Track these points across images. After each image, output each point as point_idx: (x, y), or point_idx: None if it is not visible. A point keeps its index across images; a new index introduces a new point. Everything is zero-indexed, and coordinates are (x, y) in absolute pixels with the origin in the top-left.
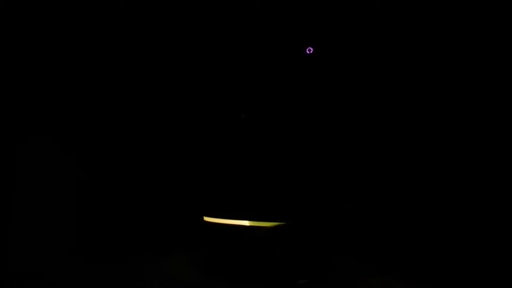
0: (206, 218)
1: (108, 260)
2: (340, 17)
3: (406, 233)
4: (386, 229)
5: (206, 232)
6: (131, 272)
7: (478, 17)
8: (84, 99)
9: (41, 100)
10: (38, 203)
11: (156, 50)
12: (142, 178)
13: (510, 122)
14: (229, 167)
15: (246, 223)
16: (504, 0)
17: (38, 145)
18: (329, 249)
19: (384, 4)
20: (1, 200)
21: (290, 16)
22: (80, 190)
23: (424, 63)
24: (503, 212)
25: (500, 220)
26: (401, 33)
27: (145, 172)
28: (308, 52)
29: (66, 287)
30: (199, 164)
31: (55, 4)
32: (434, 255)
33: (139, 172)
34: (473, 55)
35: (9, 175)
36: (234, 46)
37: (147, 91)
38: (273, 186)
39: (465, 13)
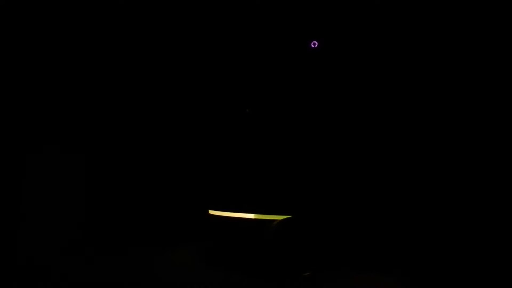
0: (211, 211)
1: (116, 252)
2: (348, 8)
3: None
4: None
5: (211, 225)
6: (138, 264)
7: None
8: (91, 95)
9: (51, 104)
10: (47, 194)
11: (158, 47)
12: (148, 173)
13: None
14: (234, 161)
15: (251, 216)
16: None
17: (46, 143)
18: (334, 242)
19: None
20: (10, 195)
21: (294, 8)
22: (88, 184)
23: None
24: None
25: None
26: (416, 25)
27: (151, 167)
28: (313, 46)
29: (75, 278)
30: (204, 158)
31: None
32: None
33: (145, 167)
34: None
35: (17, 172)
36: (236, 39)
37: (152, 87)
38: (278, 180)
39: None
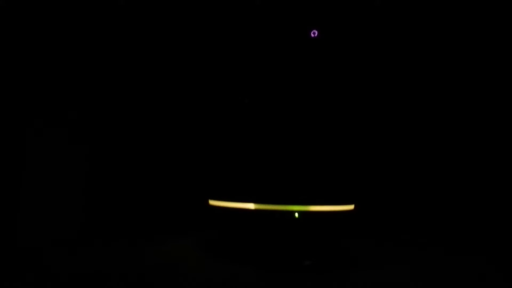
0: (211, 202)
1: (116, 242)
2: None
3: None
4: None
5: (212, 216)
6: (137, 253)
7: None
8: (92, 85)
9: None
10: (48, 183)
11: (158, 39)
12: (150, 163)
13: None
14: (234, 150)
15: (251, 206)
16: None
17: (49, 134)
18: (336, 231)
19: None
20: (11, 183)
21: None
22: (89, 174)
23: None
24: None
25: None
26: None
27: (152, 157)
28: (312, 35)
29: (76, 269)
30: (204, 148)
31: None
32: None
33: (147, 158)
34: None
35: (19, 162)
36: (235, 27)
37: (152, 77)
38: (278, 169)
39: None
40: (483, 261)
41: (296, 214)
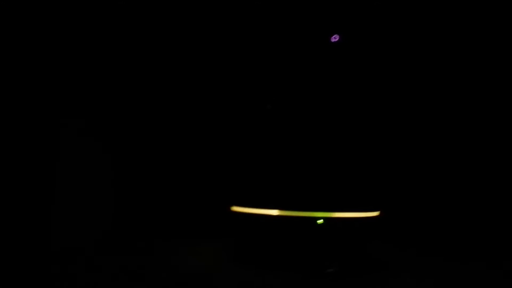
0: (236, 208)
1: (141, 245)
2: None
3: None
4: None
5: (234, 221)
6: (163, 258)
7: None
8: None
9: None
10: (80, 189)
11: (186, 50)
12: (175, 169)
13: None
14: (257, 158)
15: (275, 212)
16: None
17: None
18: (361, 237)
19: None
20: (45, 187)
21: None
22: (117, 182)
23: None
24: None
25: None
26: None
27: (177, 166)
28: (334, 40)
29: (106, 268)
30: (227, 155)
31: None
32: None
33: (172, 163)
34: None
35: (52, 164)
36: (259, 29)
37: (179, 87)
38: (302, 176)
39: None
40: None
41: (319, 221)
